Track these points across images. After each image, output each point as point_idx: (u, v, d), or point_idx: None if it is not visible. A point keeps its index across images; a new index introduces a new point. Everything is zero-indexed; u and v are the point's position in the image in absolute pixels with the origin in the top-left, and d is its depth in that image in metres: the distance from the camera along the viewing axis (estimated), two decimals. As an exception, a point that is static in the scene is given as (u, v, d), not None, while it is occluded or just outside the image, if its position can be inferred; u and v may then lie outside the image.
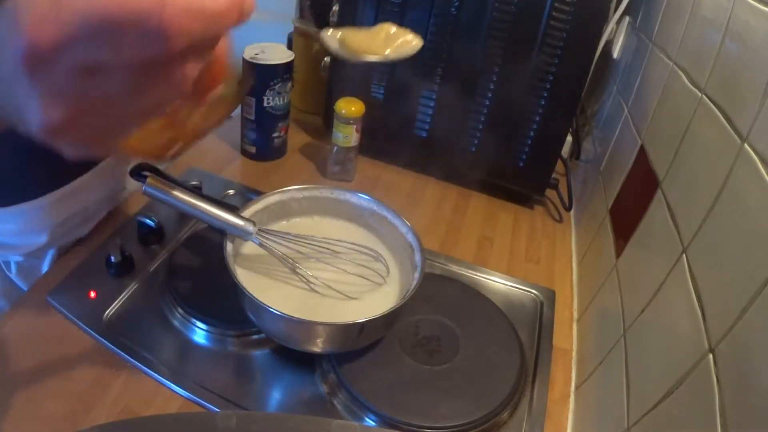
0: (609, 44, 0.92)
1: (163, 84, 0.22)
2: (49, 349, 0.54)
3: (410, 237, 0.60)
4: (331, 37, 0.37)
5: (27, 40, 0.19)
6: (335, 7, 0.88)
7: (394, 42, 0.39)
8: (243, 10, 0.21)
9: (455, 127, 0.87)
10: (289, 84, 0.86)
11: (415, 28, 0.80)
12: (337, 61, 0.90)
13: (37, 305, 0.58)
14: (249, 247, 0.59)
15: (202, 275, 0.64)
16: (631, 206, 0.61)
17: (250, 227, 0.55)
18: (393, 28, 0.40)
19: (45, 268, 0.66)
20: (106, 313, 0.58)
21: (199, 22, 0.20)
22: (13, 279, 0.66)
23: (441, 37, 0.81)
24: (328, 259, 0.59)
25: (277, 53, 0.84)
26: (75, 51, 0.19)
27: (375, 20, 0.84)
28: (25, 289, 0.63)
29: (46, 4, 0.19)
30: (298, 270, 0.58)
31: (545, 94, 0.80)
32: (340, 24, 0.87)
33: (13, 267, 0.65)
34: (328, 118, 0.92)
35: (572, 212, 0.92)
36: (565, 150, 0.94)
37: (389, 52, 0.37)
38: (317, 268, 0.58)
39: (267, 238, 0.57)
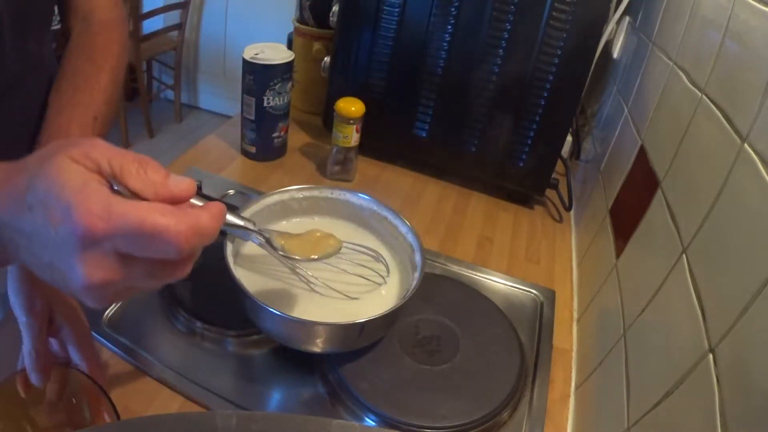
0: (609, 44, 0.92)
1: (170, 273, 0.30)
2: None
3: (410, 237, 0.60)
4: (277, 242, 0.50)
5: (84, 227, 0.26)
6: (335, 7, 0.88)
7: (320, 245, 0.52)
8: (220, 229, 0.30)
9: (455, 127, 0.87)
10: (289, 84, 0.86)
11: (415, 28, 0.82)
12: (337, 61, 0.90)
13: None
14: (249, 247, 0.59)
15: (202, 275, 0.63)
16: (631, 206, 0.61)
17: (250, 227, 0.55)
18: (318, 234, 0.53)
19: None
20: (106, 313, 0.58)
21: (198, 238, 0.28)
22: None
23: (441, 36, 0.82)
24: (328, 259, 0.59)
25: (277, 53, 0.84)
26: (115, 242, 0.27)
27: (375, 20, 0.84)
28: None
29: (100, 207, 0.26)
30: (298, 270, 0.58)
31: (545, 94, 0.80)
32: (339, 24, 0.87)
33: None
34: (328, 118, 0.92)
35: (572, 212, 0.92)
36: (565, 150, 0.94)
37: (316, 255, 0.51)
38: (317, 268, 0.58)
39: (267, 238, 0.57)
